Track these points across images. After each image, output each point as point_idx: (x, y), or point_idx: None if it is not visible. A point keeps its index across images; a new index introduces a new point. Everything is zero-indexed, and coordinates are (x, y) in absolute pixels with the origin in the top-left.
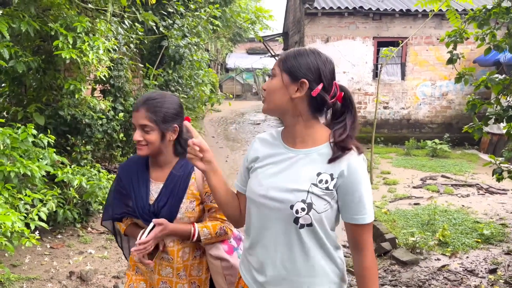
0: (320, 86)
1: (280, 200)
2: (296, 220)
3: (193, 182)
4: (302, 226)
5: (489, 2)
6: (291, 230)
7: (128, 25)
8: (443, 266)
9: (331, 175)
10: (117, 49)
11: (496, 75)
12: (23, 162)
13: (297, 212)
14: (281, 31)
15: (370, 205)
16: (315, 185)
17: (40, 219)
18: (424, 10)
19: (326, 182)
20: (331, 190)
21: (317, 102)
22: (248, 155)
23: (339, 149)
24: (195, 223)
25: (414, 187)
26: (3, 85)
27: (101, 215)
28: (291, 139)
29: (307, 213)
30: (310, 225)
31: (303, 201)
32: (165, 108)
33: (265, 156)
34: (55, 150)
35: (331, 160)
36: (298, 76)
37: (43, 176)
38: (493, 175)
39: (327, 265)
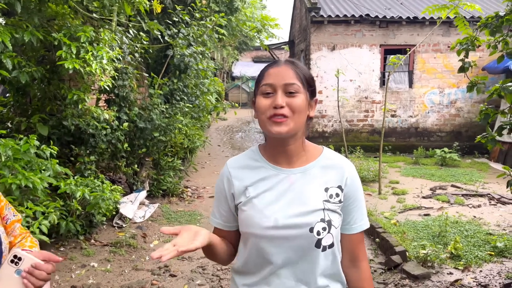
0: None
1: (296, 226)
2: (318, 243)
3: None
4: (324, 248)
5: (497, 9)
6: (312, 256)
7: (133, 34)
8: (456, 280)
9: (339, 187)
10: (121, 58)
11: (510, 84)
12: (25, 174)
13: (318, 233)
14: (287, 40)
15: (365, 209)
16: (327, 201)
17: (42, 232)
18: (432, 18)
19: (337, 195)
20: (342, 202)
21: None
22: (228, 189)
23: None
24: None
25: (423, 197)
26: (7, 95)
27: (104, 226)
28: (283, 159)
29: (328, 232)
30: (331, 245)
31: (323, 220)
32: None
33: (254, 182)
34: (58, 161)
35: (333, 170)
36: (314, 94)
37: (46, 187)
38: (507, 187)
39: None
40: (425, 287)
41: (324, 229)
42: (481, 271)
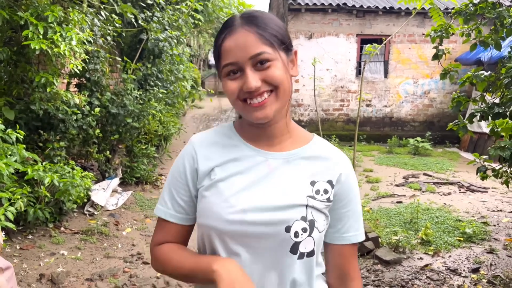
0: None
1: (269, 222)
2: (294, 248)
3: None
4: (301, 256)
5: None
6: (284, 264)
7: (105, 16)
8: (426, 265)
9: (330, 182)
10: (92, 41)
11: (481, 72)
12: None
13: (296, 235)
14: None
15: (361, 218)
16: (312, 197)
17: (8, 219)
18: (407, 8)
19: (326, 192)
20: (332, 201)
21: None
22: (191, 170)
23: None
24: None
25: (396, 185)
26: None
27: (75, 214)
28: (263, 140)
29: (309, 235)
30: (311, 253)
31: (304, 219)
32: None
33: (224, 162)
34: (26, 146)
35: (324, 162)
36: (291, 46)
37: (12, 173)
38: (477, 173)
39: None
40: (396, 272)
41: (304, 230)
42: (450, 256)
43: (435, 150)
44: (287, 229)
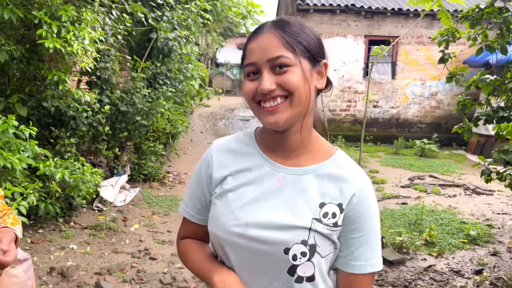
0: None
1: (268, 241)
2: (292, 270)
3: None
4: (300, 279)
5: (480, 3)
6: (283, 284)
7: (116, 15)
8: (430, 266)
9: (340, 205)
10: (104, 40)
11: (487, 76)
12: (3, 154)
13: (294, 258)
14: None
15: (380, 246)
16: (319, 220)
17: (20, 213)
18: (416, 10)
19: (334, 216)
20: (340, 226)
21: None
22: (206, 175)
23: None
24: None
25: (402, 187)
26: None
27: (84, 209)
28: (280, 151)
29: (309, 259)
30: (311, 279)
31: (304, 243)
32: None
33: (236, 172)
34: (37, 142)
35: (337, 182)
36: (320, 57)
37: (25, 169)
38: (481, 176)
39: None
40: (400, 272)
41: (303, 254)
42: (454, 257)
43: (442, 152)
44: (286, 251)
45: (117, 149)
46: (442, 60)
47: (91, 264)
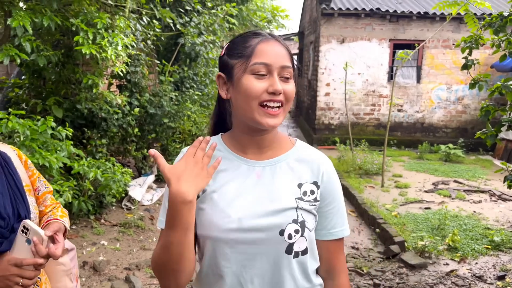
0: None
1: (265, 228)
2: (289, 249)
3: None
4: (296, 255)
5: (507, 7)
6: (283, 264)
7: (146, 21)
8: (452, 271)
9: (315, 183)
10: (134, 45)
11: (511, 82)
12: (42, 154)
13: (290, 237)
14: (296, 31)
15: (346, 214)
16: (301, 199)
17: None
18: (442, 13)
19: (312, 193)
20: (318, 201)
21: None
22: None
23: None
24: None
25: (425, 191)
26: (23, 77)
27: (113, 207)
28: (252, 149)
29: (302, 235)
30: (305, 251)
31: (295, 221)
32: None
33: (215, 173)
34: (72, 142)
35: (306, 164)
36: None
37: (60, 168)
38: (504, 182)
39: None
40: (421, 276)
41: (296, 231)
42: (476, 263)
43: (468, 157)
44: (281, 233)
45: (145, 150)
46: (466, 67)
47: (121, 260)
